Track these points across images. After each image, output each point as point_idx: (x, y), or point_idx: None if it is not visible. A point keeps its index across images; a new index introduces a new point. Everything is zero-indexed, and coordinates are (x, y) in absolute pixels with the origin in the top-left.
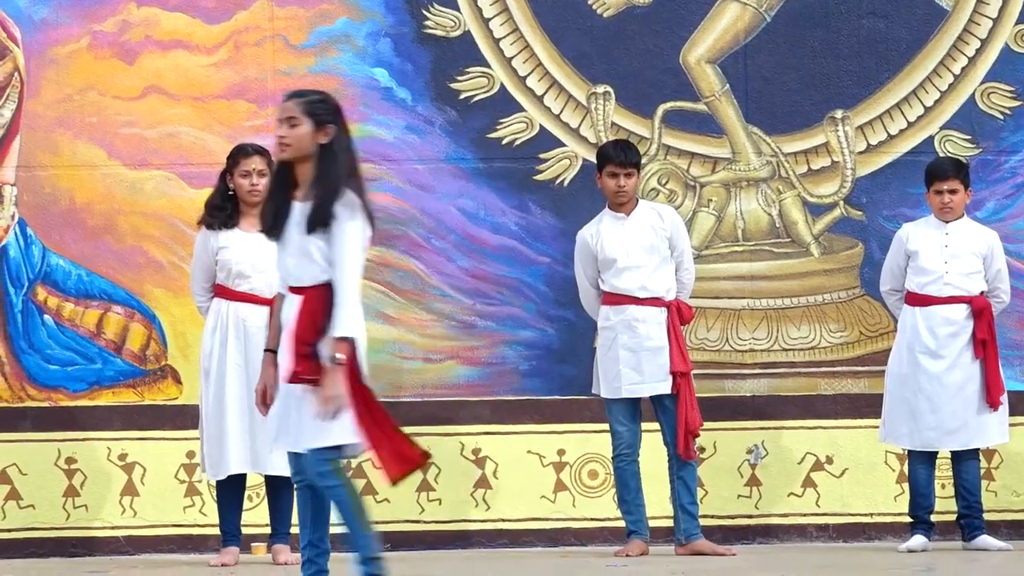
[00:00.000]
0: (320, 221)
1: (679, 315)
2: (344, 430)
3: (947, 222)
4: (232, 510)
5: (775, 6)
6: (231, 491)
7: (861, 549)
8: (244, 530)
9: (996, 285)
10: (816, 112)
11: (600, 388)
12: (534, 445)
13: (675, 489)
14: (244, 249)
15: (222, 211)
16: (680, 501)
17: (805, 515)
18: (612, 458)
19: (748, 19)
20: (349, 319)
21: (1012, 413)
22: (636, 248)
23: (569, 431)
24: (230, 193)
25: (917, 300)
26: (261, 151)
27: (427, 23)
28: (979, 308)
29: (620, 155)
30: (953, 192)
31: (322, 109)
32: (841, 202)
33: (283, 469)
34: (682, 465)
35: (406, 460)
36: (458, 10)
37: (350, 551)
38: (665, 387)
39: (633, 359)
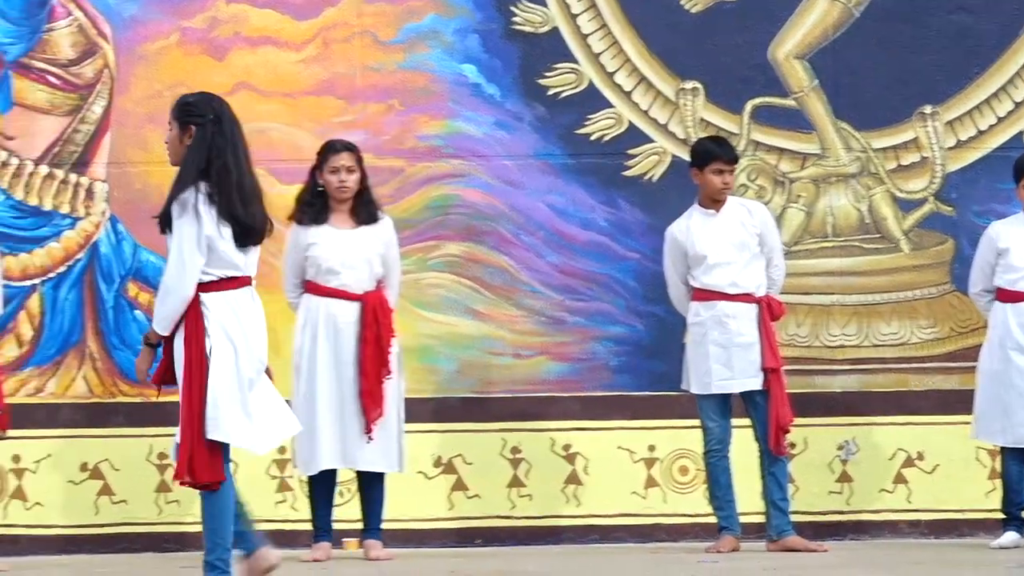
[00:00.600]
0: (163, 224)
1: (769, 311)
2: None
3: None
4: (324, 505)
5: (864, 2)
6: (323, 486)
7: (953, 546)
8: (335, 525)
9: None
10: (905, 107)
11: (690, 384)
12: (624, 441)
13: (766, 485)
14: (334, 245)
15: (312, 207)
16: (771, 497)
17: (896, 511)
18: (703, 454)
19: (837, 15)
20: (159, 314)
21: None
22: (726, 244)
23: (659, 427)
24: (319, 189)
25: (1008, 296)
26: (350, 147)
27: (515, 19)
28: None
29: (728, 152)
30: None
31: (185, 111)
32: (931, 198)
33: (374, 464)
34: (773, 461)
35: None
36: (546, 6)
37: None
38: (756, 383)
39: (723, 355)
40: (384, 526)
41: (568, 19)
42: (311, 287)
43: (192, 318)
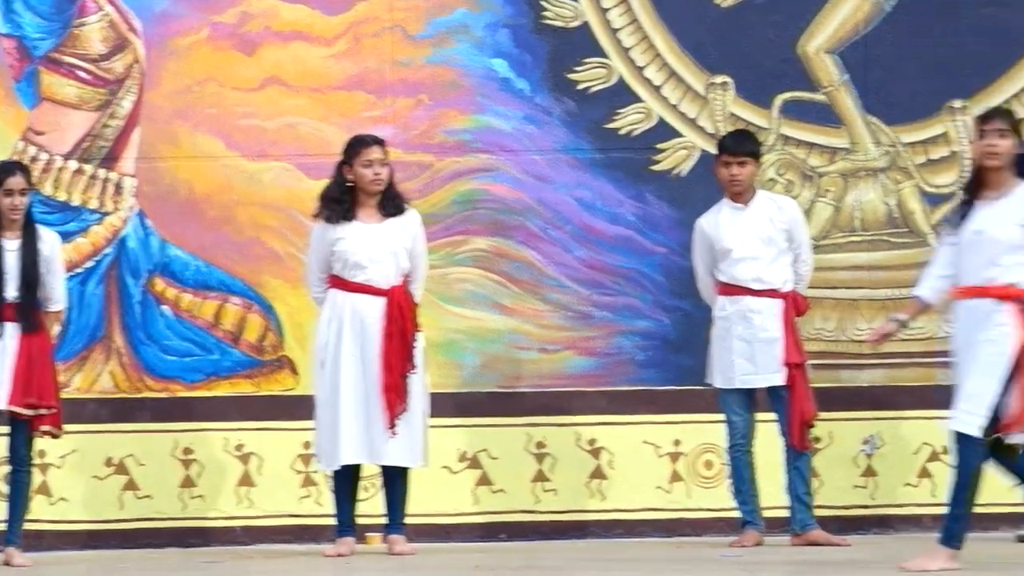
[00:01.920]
0: None
1: (795, 307)
2: None
3: None
4: (347, 500)
5: None
6: (346, 481)
7: (976, 539)
8: (359, 520)
9: None
10: (935, 102)
11: (714, 378)
12: (649, 435)
13: (790, 479)
14: (361, 240)
15: (341, 204)
16: (795, 491)
17: (921, 505)
18: (727, 448)
19: (867, 9)
20: None
21: None
22: (753, 239)
23: (684, 421)
24: (347, 185)
25: None
26: (380, 141)
27: (545, 13)
28: None
29: (735, 145)
30: None
31: None
32: (959, 192)
33: (398, 459)
34: (797, 455)
35: None
36: (576, 0)
37: None
38: (779, 378)
39: (747, 350)
40: (408, 521)
41: (598, 13)
42: (337, 282)
43: None
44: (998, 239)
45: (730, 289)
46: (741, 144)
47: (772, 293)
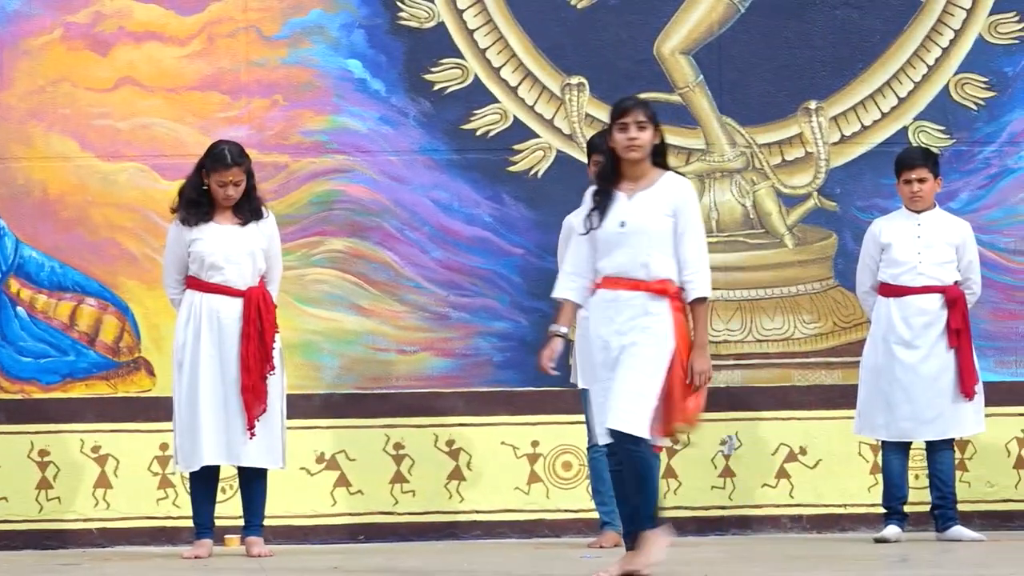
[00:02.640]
0: None
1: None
2: None
3: (918, 212)
4: (205, 502)
5: None
6: (204, 483)
7: (835, 540)
8: (217, 522)
9: (968, 276)
10: (790, 103)
11: (577, 377)
12: (508, 436)
13: None
14: (217, 241)
15: (199, 207)
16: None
17: (779, 506)
18: (587, 449)
19: (722, 10)
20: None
21: (986, 404)
22: None
23: (543, 423)
24: (204, 188)
25: (891, 291)
26: (239, 161)
27: (401, 14)
28: (953, 298)
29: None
30: (922, 181)
31: None
32: (815, 193)
33: (257, 460)
34: None
35: None
36: (432, 1)
37: None
38: None
39: None
40: (266, 523)
41: (454, 14)
42: (194, 283)
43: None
44: (646, 230)
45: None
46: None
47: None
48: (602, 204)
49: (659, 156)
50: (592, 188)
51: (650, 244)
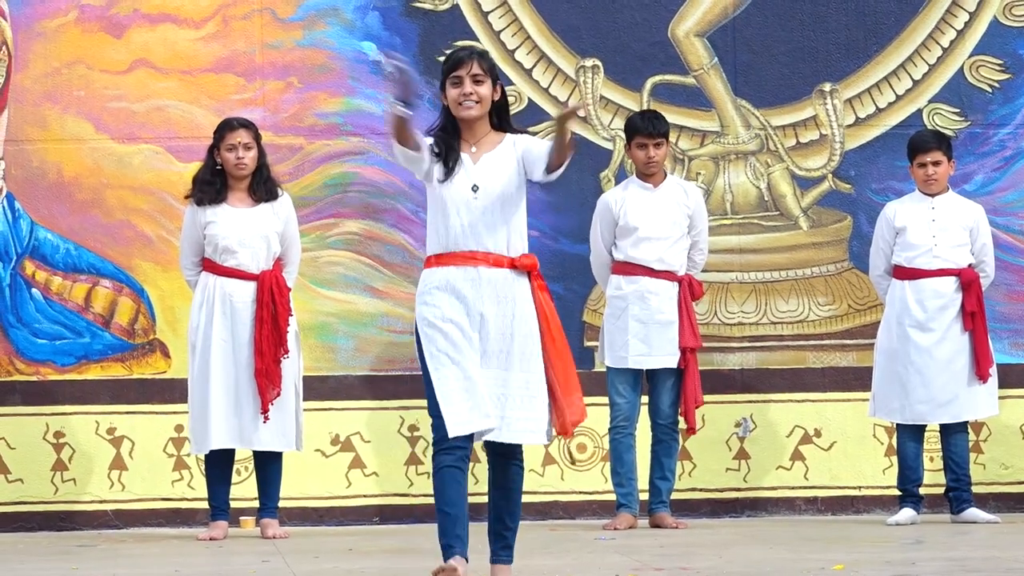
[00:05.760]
0: None
1: (691, 291)
2: None
3: (932, 195)
4: (220, 484)
5: None
6: (219, 465)
7: (849, 522)
8: (233, 504)
9: (981, 259)
10: (805, 85)
11: (604, 356)
12: None
13: (652, 462)
14: (231, 224)
15: (211, 186)
16: (651, 475)
17: (793, 488)
18: (609, 429)
19: None
20: None
21: (1001, 386)
22: (660, 220)
23: None
24: (218, 168)
25: (906, 274)
26: (246, 124)
27: None
28: (968, 280)
29: (648, 126)
30: (936, 164)
31: None
32: (829, 175)
33: (270, 444)
34: (671, 439)
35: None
36: None
37: None
38: (672, 361)
39: (643, 331)
40: (281, 504)
41: None
42: (209, 265)
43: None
44: (505, 195)
45: (628, 268)
46: (655, 125)
47: (670, 276)
48: (447, 160)
49: (500, 117)
50: (431, 139)
51: (510, 213)
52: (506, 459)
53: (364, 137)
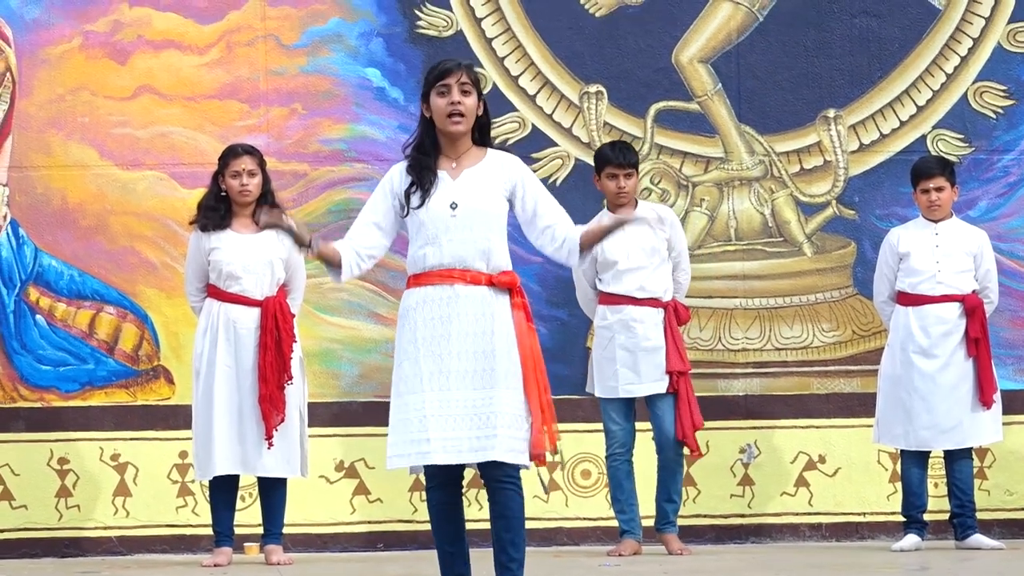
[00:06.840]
0: None
1: (676, 315)
2: None
3: (936, 221)
4: (225, 510)
5: (767, 5)
6: (223, 491)
7: (854, 548)
8: (237, 530)
9: (985, 285)
10: (809, 111)
11: (595, 387)
12: None
13: (659, 484)
14: (235, 250)
15: (215, 212)
16: (658, 497)
17: (798, 514)
18: (606, 457)
19: (740, 18)
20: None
21: (1005, 412)
22: (637, 250)
23: (562, 431)
24: (222, 194)
25: (909, 300)
26: (251, 151)
27: (419, 23)
28: (972, 307)
29: (619, 156)
30: (940, 190)
31: None
32: (834, 201)
33: (274, 470)
34: (676, 463)
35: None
36: (450, 10)
37: None
38: (661, 387)
39: (630, 359)
40: (286, 530)
41: (472, 23)
42: (213, 292)
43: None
44: (484, 212)
45: (612, 299)
46: (625, 155)
47: (654, 302)
48: (423, 181)
49: (482, 133)
50: (404, 163)
51: (489, 229)
52: (500, 483)
53: (368, 163)
